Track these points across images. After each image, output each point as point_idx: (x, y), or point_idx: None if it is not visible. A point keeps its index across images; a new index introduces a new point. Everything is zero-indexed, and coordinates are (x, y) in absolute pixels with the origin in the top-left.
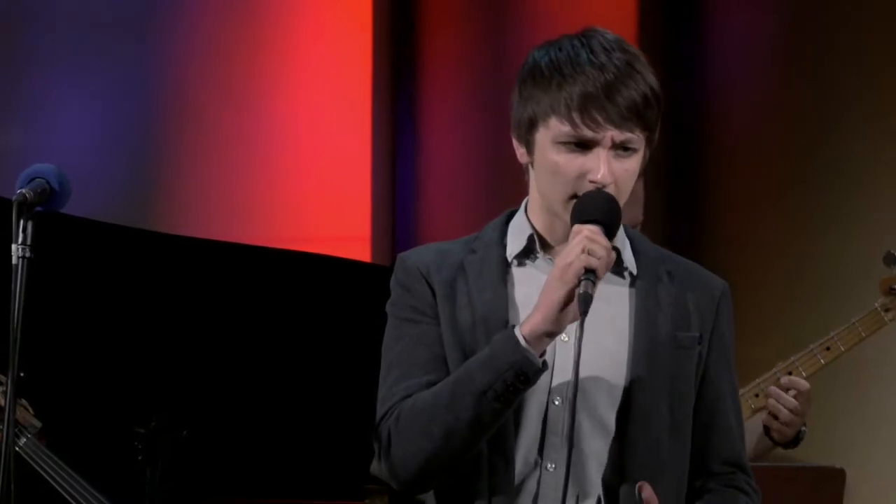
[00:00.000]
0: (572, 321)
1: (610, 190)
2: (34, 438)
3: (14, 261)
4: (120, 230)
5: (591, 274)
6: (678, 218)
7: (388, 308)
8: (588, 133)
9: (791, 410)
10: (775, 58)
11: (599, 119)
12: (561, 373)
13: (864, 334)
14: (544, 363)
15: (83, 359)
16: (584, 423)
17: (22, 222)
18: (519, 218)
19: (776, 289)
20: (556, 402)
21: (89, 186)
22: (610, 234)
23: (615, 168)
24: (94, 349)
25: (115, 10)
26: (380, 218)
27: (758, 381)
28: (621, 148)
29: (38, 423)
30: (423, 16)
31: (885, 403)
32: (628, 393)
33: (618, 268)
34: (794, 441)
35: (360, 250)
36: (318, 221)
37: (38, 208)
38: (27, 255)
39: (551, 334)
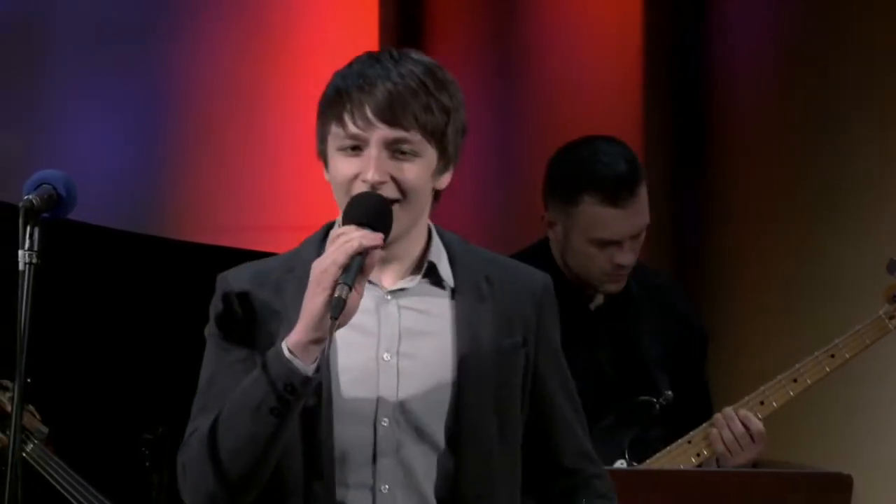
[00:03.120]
0: (339, 326)
1: (387, 190)
2: (41, 444)
3: (21, 267)
4: (128, 236)
5: (346, 277)
6: (683, 226)
7: (205, 331)
8: (357, 131)
9: (727, 445)
10: (781, 61)
11: (370, 117)
12: (386, 394)
13: (868, 342)
14: (317, 369)
15: (90, 364)
16: (414, 442)
17: (28, 228)
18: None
19: (781, 297)
20: (384, 424)
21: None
22: (378, 231)
23: (391, 168)
24: (101, 355)
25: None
26: None
27: (762, 388)
28: (399, 151)
29: (45, 429)
30: (430, 15)
31: (892, 409)
32: (456, 407)
33: (436, 280)
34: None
35: None
36: (325, 211)
37: (45, 214)
38: (34, 261)
39: (318, 341)
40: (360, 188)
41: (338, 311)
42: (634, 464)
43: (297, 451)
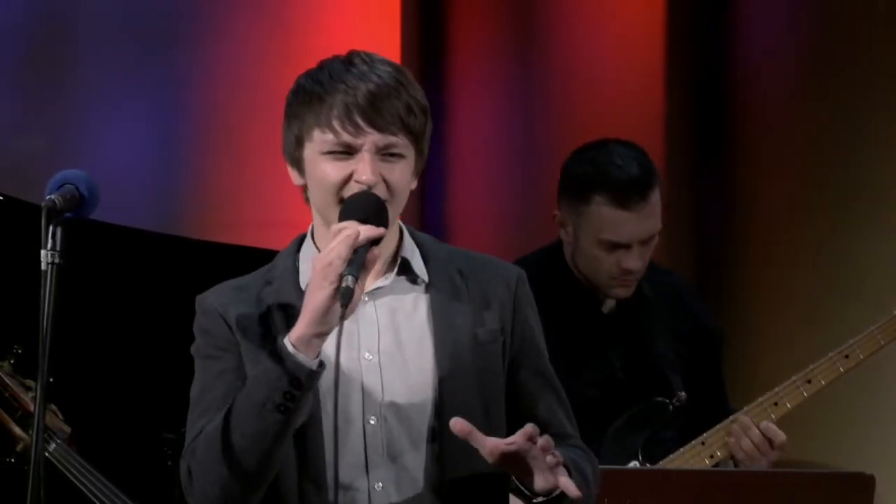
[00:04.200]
0: (343, 317)
1: (379, 191)
2: (64, 444)
3: (43, 267)
4: (151, 236)
5: (351, 269)
6: (704, 226)
7: (192, 351)
8: (349, 139)
9: (748, 453)
10: (803, 60)
11: (361, 124)
12: (371, 393)
13: (883, 342)
14: (321, 363)
15: (112, 364)
16: (402, 438)
17: (51, 228)
18: (307, 245)
19: (803, 297)
20: (372, 422)
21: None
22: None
23: (383, 171)
24: (123, 354)
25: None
26: (408, 209)
27: (776, 389)
28: (388, 154)
29: (67, 429)
30: (452, 19)
31: None
32: (439, 399)
33: (410, 277)
34: None
35: None
36: None
37: (68, 214)
38: (56, 260)
39: (321, 335)
40: (354, 188)
41: (347, 299)
42: (647, 465)
43: (290, 454)
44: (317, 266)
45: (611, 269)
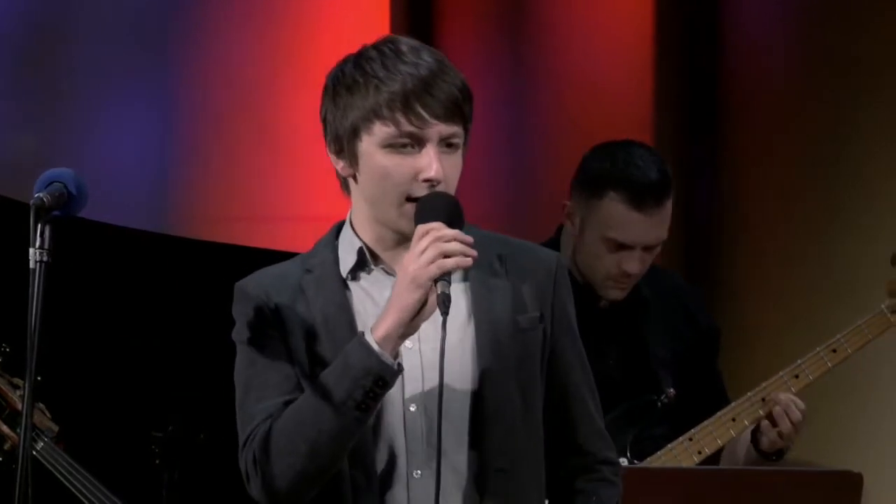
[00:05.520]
0: (422, 320)
1: (441, 188)
2: (51, 442)
3: (31, 265)
4: (138, 234)
5: (446, 274)
6: (695, 221)
7: (233, 336)
8: (415, 130)
9: (794, 424)
10: (794, 60)
11: (424, 115)
12: (411, 380)
13: (870, 336)
14: (399, 365)
15: (100, 363)
16: (443, 424)
17: (39, 226)
18: (347, 232)
19: (793, 296)
20: (413, 409)
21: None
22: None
23: (444, 164)
24: (111, 353)
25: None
26: None
27: (764, 385)
28: (446, 144)
29: (55, 427)
30: (441, 12)
31: None
32: (479, 386)
33: None
34: (779, 455)
35: None
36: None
37: (56, 212)
38: (44, 259)
39: (404, 337)
40: (420, 188)
41: (447, 307)
42: (636, 462)
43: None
44: (407, 268)
45: (610, 268)
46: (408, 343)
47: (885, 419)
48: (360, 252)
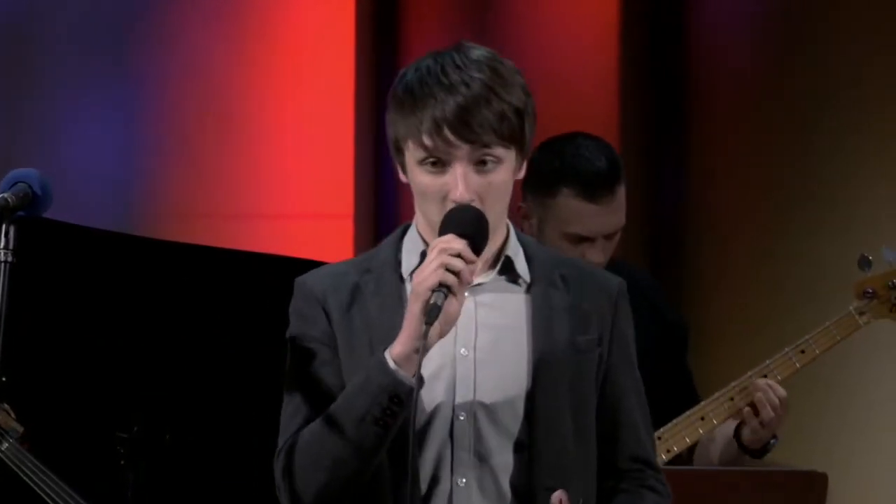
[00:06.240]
0: (440, 334)
1: (476, 205)
2: (16, 443)
3: None
4: (101, 234)
5: (444, 287)
6: (660, 226)
7: (287, 336)
8: (440, 154)
9: (774, 410)
10: (758, 60)
11: (451, 139)
12: (463, 388)
13: (838, 337)
14: (422, 378)
15: (65, 363)
16: (491, 437)
17: (4, 227)
18: (412, 233)
19: (759, 296)
20: (461, 418)
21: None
22: (476, 246)
23: (478, 182)
24: (76, 353)
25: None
26: (363, 197)
27: (733, 384)
28: (482, 163)
29: (20, 428)
30: (406, 9)
31: (868, 407)
32: (531, 402)
33: (511, 276)
34: (762, 451)
35: (342, 229)
36: (301, 199)
37: (20, 213)
38: (9, 259)
39: (419, 351)
40: (449, 207)
41: (432, 317)
42: None
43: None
44: (413, 282)
45: None
46: (462, 350)
47: (849, 419)
48: (423, 255)
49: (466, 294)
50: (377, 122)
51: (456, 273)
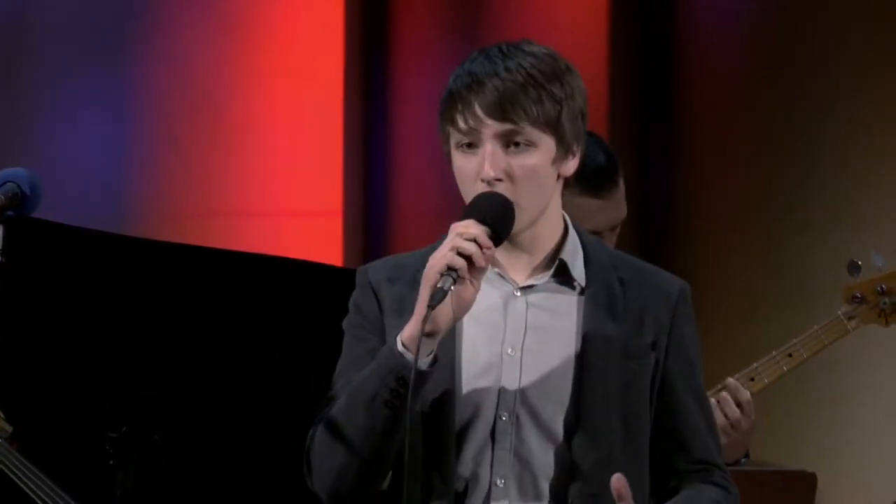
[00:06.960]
0: (452, 319)
1: (503, 188)
2: (5, 443)
3: None
4: (89, 233)
5: (452, 271)
6: (648, 223)
7: (343, 324)
8: (466, 127)
9: (729, 421)
10: (747, 62)
11: (479, 114)
12: (507, 388)
13: (826, 342)
14: (436, 358)
15: (55, 363)
16: (533, 438)
17: None
18: None
19: (745, 298)
20: (504, 418)
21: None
22: (498, 232)
23: (509, 163)
24: (65, 353)
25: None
26: (352, 193)
27: (719, 386)
28: (512, 143)
29: (9, 428)
30: (395, 10)
31: (856, 407)
32: (576, 406)
33: (567, 280)
34: (733, 466)
35: (332, 225)
36: (291, 196)
37: (10, 212)
38: None
39: (431, 334)
40: (481, 188)
41: (436, 301)
42: None
43: (418, 441)
44: (427, 265)
45: None
46: (510, 350)
47: (839, 419)
48: None
49: (518, 294)
50: (366, 120)
51: (468, 257)
